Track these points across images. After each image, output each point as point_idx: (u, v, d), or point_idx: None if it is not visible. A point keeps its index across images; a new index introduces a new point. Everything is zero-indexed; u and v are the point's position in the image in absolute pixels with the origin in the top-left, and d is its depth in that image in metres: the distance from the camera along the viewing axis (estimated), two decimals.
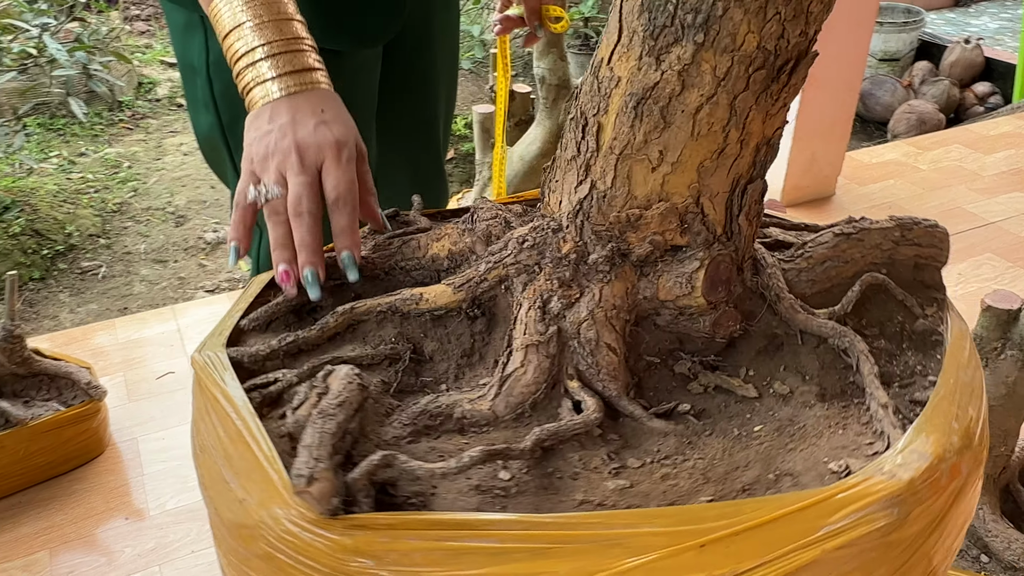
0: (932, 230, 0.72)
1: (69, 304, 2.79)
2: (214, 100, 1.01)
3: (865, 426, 0.59)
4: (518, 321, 0.64)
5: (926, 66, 4.18)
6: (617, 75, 0.59)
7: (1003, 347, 1.12)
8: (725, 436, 0.60)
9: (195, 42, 0.99)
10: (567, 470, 0.56)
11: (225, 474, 0.56)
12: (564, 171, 0.65)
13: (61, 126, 3.97)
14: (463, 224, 0.74)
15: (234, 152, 1.05)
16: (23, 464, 1.49)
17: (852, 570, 0.50)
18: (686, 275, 0.63)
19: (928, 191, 2.64)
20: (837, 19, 2.27)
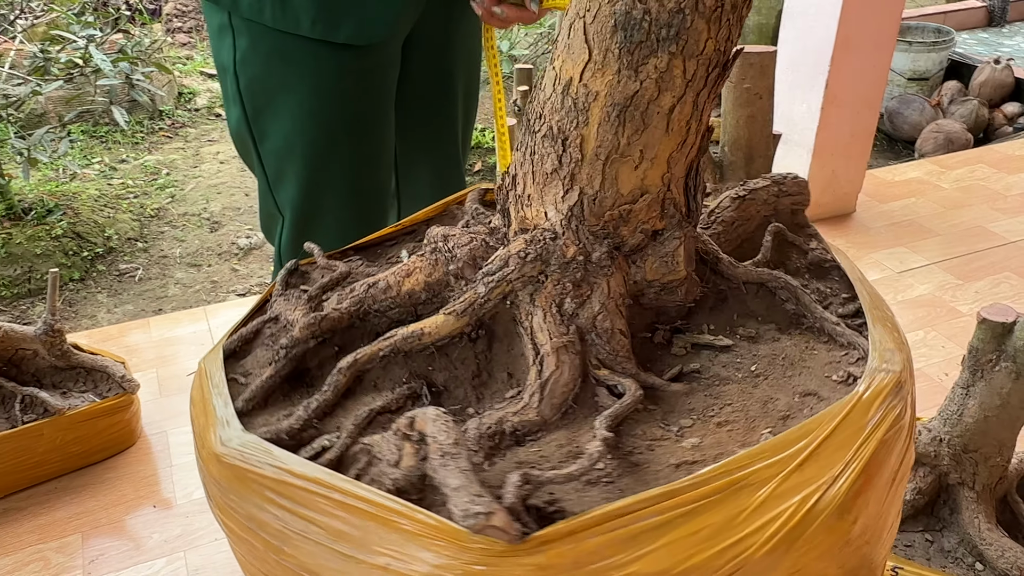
0: (797, 180, 0.88)
1: (107, 304, 2.90)
2: (240, 95, 1.11)
3: (830, 342, 0.71)
4: (536, 330, 0.69)
5: (955, 86, 4.18)
6: (594, 90, 0.64)
7: (998, 359, 1.15)
8: (733, 381, 0.70)
9: (226, 43, 1.09)
10: (641, 445, 0.63)
11: (355, 552, 0.55)
12: (542, 185, 0.70)
13: (103, 134, 4.11)
14: (431, 256, 0.75)
15: (258, 142, 1.14)
16: (60, 452, 1.57)
17: (892, 450, 0.61)
18: (669, 254, 0.71)
19: (949, 210, 2.66)
20: (859, 38, 2.32)
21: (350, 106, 1.11)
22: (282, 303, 0.77)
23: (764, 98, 1.44)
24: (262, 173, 1.20)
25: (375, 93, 1.13)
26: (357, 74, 1.09)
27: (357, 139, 1.14)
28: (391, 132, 1.19)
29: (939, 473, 1.27)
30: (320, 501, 0.57)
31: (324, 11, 1.02)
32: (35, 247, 2.92)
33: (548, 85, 0.68)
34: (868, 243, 2.46)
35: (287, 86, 1.09)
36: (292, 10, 1.02)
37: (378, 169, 1.17)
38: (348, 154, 1.14)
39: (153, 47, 4.01)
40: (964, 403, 1.21)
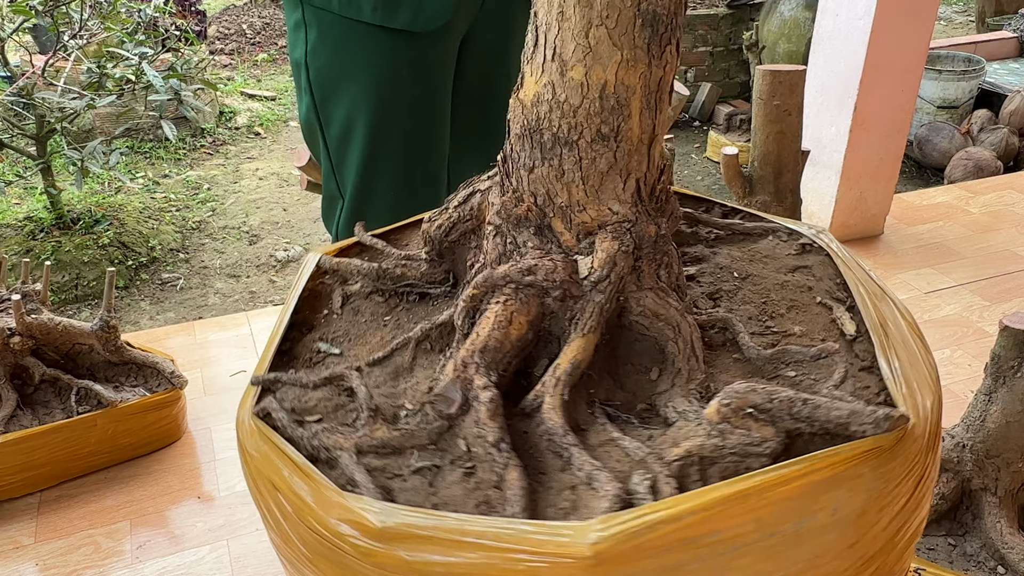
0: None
1: (149, 311, 2.99)
2: (310, 85, 1.23)
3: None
4: (656, 309, 0.76)
5: (985, 114, 4.20)
6: (631, 84, 0.70)
7: (1019, 366, 1.19)
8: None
9: (300, 37, 1.21)
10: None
11: None
12: (597, 185, 0.74)
13: (148, 149, 4.25)
14: (518, 295, 0.76)
15: (324, 128, 1.25)
16: (110, 443, 1.65)
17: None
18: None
19: (977, 233, 2.68)
20: (887, 63, 2.37)
21: (405, 95, 1.21)
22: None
23: (793, 115, 1.50)
24: (327, 157, 1.31)
25: (429, 84, 1.22)
26: (413, 64, 1.19)
27: (410, 126, 1.23)
28: (445, 124, 1.28)
29: (962, 479, 1.30)
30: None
31: (380, 3, 1.13)
32: (83, 255, 3.04)
33: (574, 95, 0.72)
34: (896, 264, 2.49)
35: (349, 74, 1.20)
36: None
37: (429, 158, 1.25)
38: (401, 140, 1.23)
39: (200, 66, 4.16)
40: (986, 409, 1.24)
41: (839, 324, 0.77)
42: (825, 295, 0.81)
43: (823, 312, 0.79)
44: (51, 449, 1.58)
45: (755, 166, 1.56)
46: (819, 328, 0.78)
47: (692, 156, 4.54)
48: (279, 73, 5.58)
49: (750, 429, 0.61)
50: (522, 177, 0.76)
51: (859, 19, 2.31)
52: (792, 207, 1.57)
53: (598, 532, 0.53)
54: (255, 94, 5.09)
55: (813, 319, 0.79)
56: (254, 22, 6.25)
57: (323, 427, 0.68)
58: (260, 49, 5.92)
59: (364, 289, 0.87)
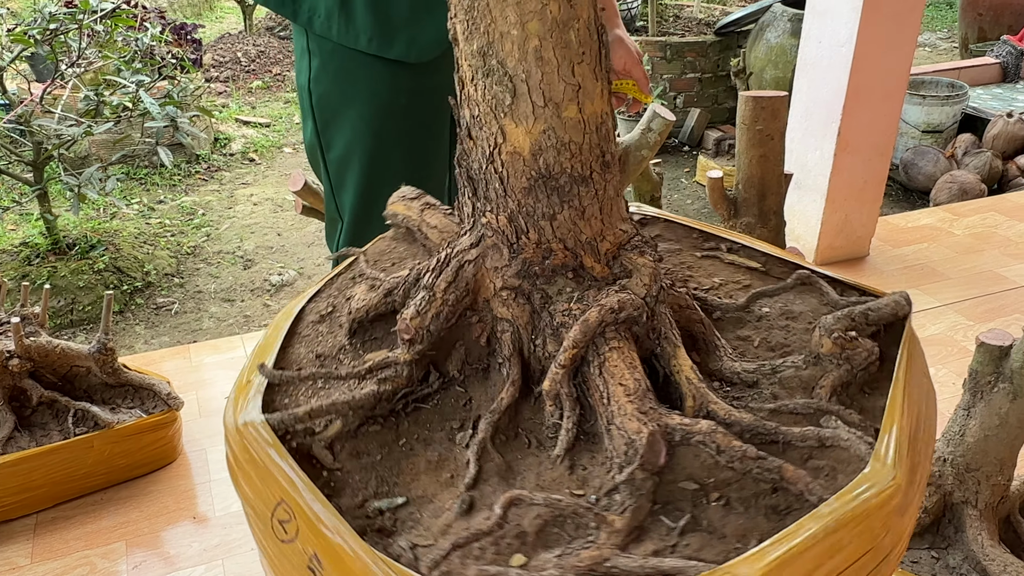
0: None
1: (144, 336, 3.01)
2: (312, 110, 1.29)
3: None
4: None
5: (969, 138, 4.27)
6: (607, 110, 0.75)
7: (996, 380, 1.22)
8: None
9: (304, 64, 1.28)
10: None
11: None
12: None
13: (143, 176, 4.29)
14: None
15: (325, 152, 1.31)
16: (107, 464, 1.66)
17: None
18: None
19: (960, 254, 2.73)
20: (869, 89, 2.43)
21: (403, 122, 1.27)
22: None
23: (775, 139, 1.54)
24: (327, 180, 1.36)
25: (427, 112, 1.28)
26: (410, 93, 1.25)
27: (408, 152, 1.29)
28: (443, 150, 1.33)
29: (944, 492, 1.33)
30: None
31: (380, 29, 1.20)
32: (78, 280, 3.06)
33: (576, 133, 0.73)
34: (881, 284, 2.51)
35: (350, 101, 1.26)
36: (354, 28, 1.20)
37: (427, 183, 1.29)
38: (399, 165, 1.28)
39: (195, 94, 4.20)
40: (966, 424, 1.28)
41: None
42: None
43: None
44: (48, 470, 1.60)
45: (739, 189, 1.60)
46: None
47: (682, 180, 4.59)
48: (273, 100, 5.64)
49: (858, 347, 0.75)
50: (543, 227, 0.76)
51: (841, 46, 2.37)
52: (776, 229, 1.61)
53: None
54: (250, 121, 5.14)
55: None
56: (249, 50, 6.32)
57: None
58: (255, 77, 5.98)
59: (348, 428, 0.75)
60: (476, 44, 0.70)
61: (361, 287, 0.86)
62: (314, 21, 1.24)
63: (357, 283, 0.90)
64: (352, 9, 1.21)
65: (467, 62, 0.72)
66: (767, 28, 4.59)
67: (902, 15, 2.33)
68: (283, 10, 1.27)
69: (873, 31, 2.32)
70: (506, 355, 0.76)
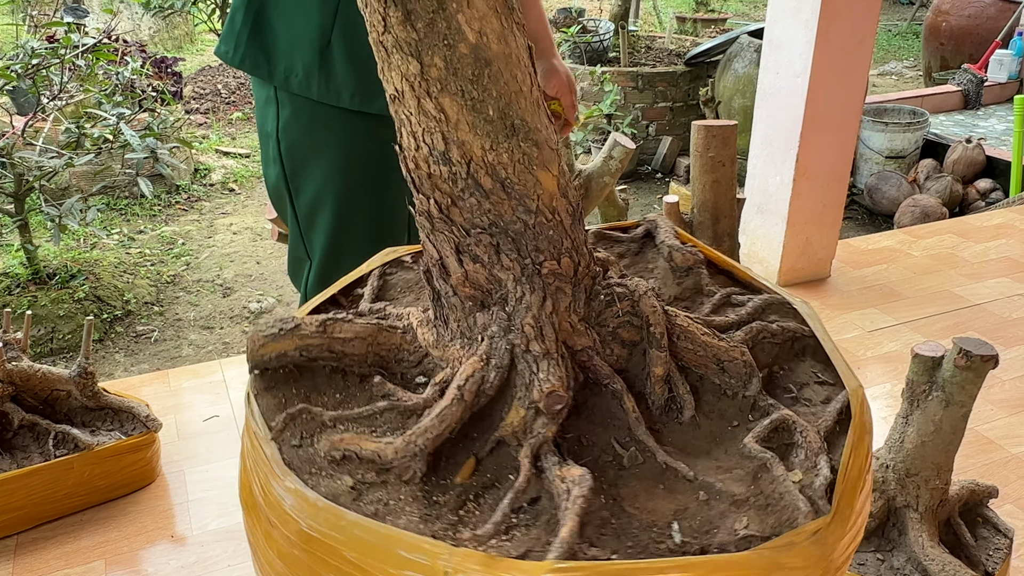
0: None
1: (123, 363, 3.05)
2: (280, 157, 1.32)
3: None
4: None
5: (931, 163, 4.41)
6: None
7: (930, 389, 1.30)
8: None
9: (271, 112, 1.31)
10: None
11: None
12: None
13: (123, 206, 4.34)
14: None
15: (293, 197, 1.35)
16: (87, 485, 1.71)
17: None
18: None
19: (919, 275, 2.83)
20: (824, 117, 2.54)
21: (373, 166, 1.31)
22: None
23: (727, 165, 1.63)
24: (295, 223, 1.39)
25: (394, 155, 1.33)
26: (381, 139, 1.29)
27: (378, 194, 1.34)
28: (405, 189, 1.38)
29: (888, 497, 1.40)
30: None
31: (362, 87, 1.24)
32: (58, 309, 3.10)
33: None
34: (842, 305, 2.62)
35: (321, 149, 1.30)
36: (336, 87, 1.24)
37: (393, 219, 1.36)
38: (369, 206, 1.33)
39: (175, 125, 4.27)
40: (904, 431, 1.35)
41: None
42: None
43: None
44: (28, 492, 1.64)
45: (695, 213, 1.68)
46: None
47: (655, 207, 4.70)
48: (253, 131, 5.72)
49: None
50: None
51: (797, 77, 2.48)
52: (730, 250, 1.69)
53: None
54: (229, 151, 5.21)
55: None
56: (228, 82, 6.40)
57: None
58: (234, 108, 6.06)
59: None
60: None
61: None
62: (291, 80, 1.26)
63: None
64: (332, 67, 1.24)
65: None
66: (734, 59, 4.73)
67: (853, 47, 2.45)
68: (258, 72, 1.28)
69: (826, 62, 2.43)
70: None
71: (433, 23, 0.67)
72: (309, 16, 1.23)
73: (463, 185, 0.74)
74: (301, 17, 1.24)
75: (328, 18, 1.22)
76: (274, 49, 1.26)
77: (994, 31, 5.71)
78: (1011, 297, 2.68)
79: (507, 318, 0.77)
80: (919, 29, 7.05)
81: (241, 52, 1.28)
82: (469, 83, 0.69)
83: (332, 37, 1.23)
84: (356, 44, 1.23)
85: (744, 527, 0.66)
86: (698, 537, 0.67)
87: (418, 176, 0.76)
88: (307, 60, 1.24)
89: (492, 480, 0.73)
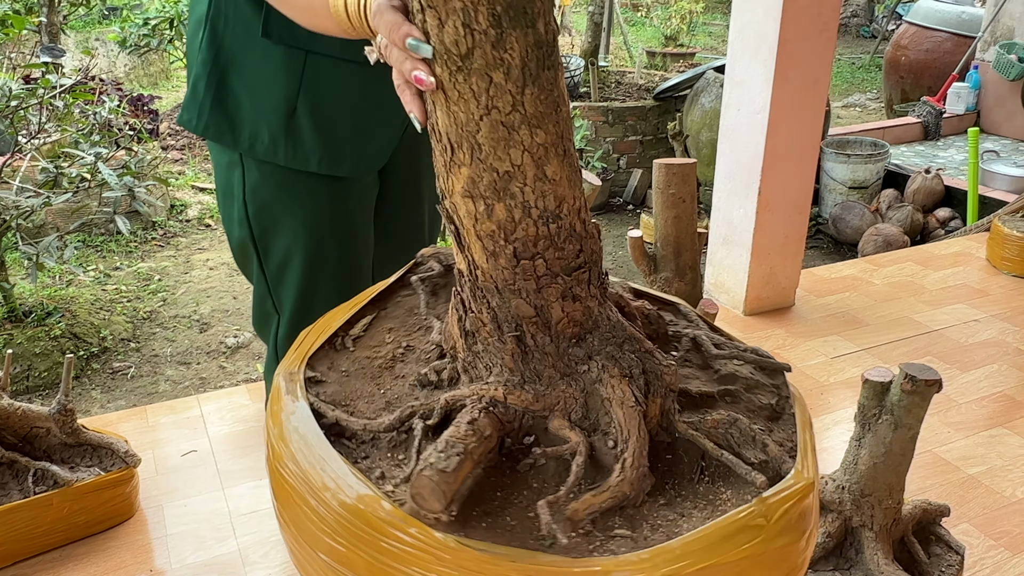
0: None
1: (100, 400, 3.06)
2: (248, 218, 1.32)
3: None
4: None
5: (892, 193, 4.55)
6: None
7: (880, 413, 1.37)
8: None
9: (235, 175, 1.31)
10: None
11: None
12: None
13: (99, 243, 4.36)
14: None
15: (262, 257, 1.36)
16: (66, 522, 1.73)
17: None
18: None
19: (879, 302, 2.93)
20: (784, 152, 2.63)
21: (340, 223, 1.34)
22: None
23: (687, 201, 1.71)
24: (263, 280, 1.40)
25: (360, 211, 1.36)
26: (347, 197, 1.33)
27: (345, 248, 1.36)
28: (372, 240, 1.42)
29: (844, 517, 1.46)
30: None
31: (328, 152, 1.26)
32: (34, 347, 3.11)
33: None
34: (805, 332, 2.71)
35: (290, 210, 1.31)
36: (303, 152, 1.26)
37: (360, 271, 1.39)
38: (337, 261, 1.36)
39: (152, 164, 4.31)
40: (858, 453, 1.42)
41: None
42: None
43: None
44: (7, 529, 1.66)
45: (657, 247, 1.76)
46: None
47: (627, 238, 4.79)
48: None
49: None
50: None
51: (757, 113, 2.58)
52: (692, 282, 1.76)
53: None
54: (205, 187, 5.24)
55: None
56: None
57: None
58: None
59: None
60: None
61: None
62: (256, 147, 1.26)
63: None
64: (299, 133, 1.24)
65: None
66: (701, 93, 4.86)
67: (809, 86, 2.56)
68: (222, 140, 1.27)
69: (784, 100, 2.54)
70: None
71: (551, 92, 0.73)
72: (273, 83, 1.23)
73: (564, 236, 0.78)
74: (265, 84, 1.23)
75: (293, 85, 1.23)
76: (238, 116, 1.26)
77: (951, 65, 5.91)
78: (968, 323, 2.78)
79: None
80: (881, 62, 7.26)
81: (204, 120, 1.28)
82: (567, 141, 0.76)
83: (298, 104, 1.24)
84: (322, 110, 1.25)
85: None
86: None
87: (523, 243, 0.77)
88: (273, 127, 1.24)
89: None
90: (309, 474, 0.75)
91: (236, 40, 1.25)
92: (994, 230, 3.21)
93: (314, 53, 1.22)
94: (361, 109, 1.27)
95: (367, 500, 0.71)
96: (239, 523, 1.84)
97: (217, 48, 1.26)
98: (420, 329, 0.96)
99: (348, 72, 1.24)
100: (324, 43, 1.19)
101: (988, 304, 2.92)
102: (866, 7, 11.48)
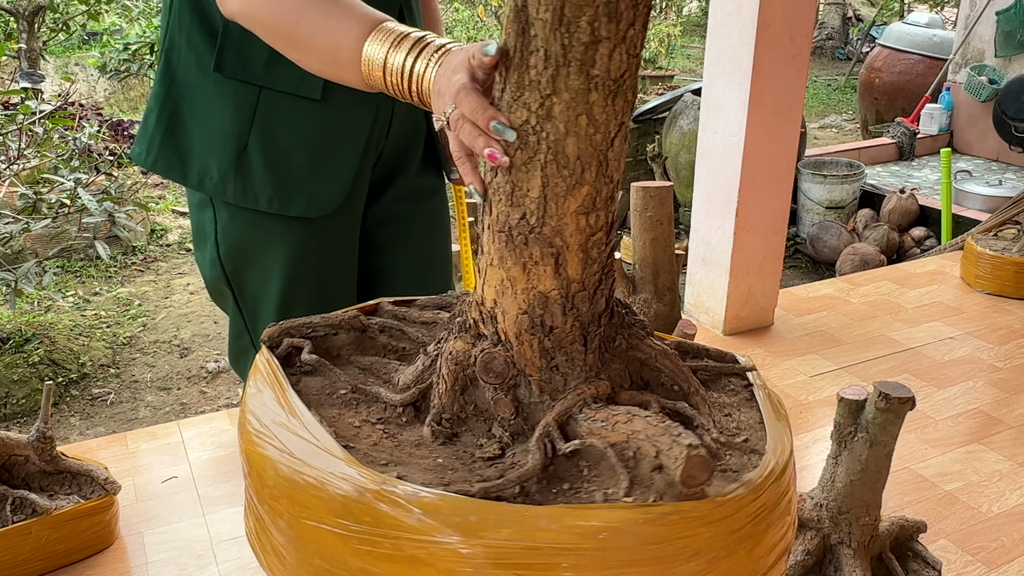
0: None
1: (79, 427, 3.04)
2: (220, 258, 1.31)
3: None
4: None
5: (868, 213, 4.62)
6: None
7: (856, 431, 1.39)
8: None
9: (207, 214, 1.30)
10: None
11: None
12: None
13: (78, 268, 4.33)
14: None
15: (237, 294, 1.36)
16: (44, 551, 1.71)
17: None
18: None
19: (856, 321, 2.96)
20: (761, 174, 2.67)
21: (314, 261, 1.32)
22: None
23: (664, 224, 1.73)
24: (239, 315, 1.39)
25: (333, 251, 1.34)
26: (320, 237, 1.30)
27: (318, 287, 1.35)
28: (354, 272, 1.40)
29: (823, 535, 1.48)
30: None
31: (280, 190, 1.23)
32: (12, 374, 3.08)
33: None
34: (784, 351, 2.74)
35: (261, 248, 1.29)
36: (252, 190, 1.23)
37: (339, 307, 1.38)
38: (315, 299, 1.34)
39: (132, 188, 4.30)
40: (835, 471, 1.44)
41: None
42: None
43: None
44: None
45: (636, 268, 1.78)
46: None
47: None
48: None
49: None
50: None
51: (733, 136, 2.62)
52: (671, 303, 1.78)
53: None
54: (185, 212, 5.24)
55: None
56: None
57: None
58: None
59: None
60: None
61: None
62: (205, 183, 1.23)
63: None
64: (249, 170, 1.21)
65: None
66: (680, 115, 4.92)
67: (784, 109, 2.60)
68: (171, 174, 1.25)
69: (760, 123, 2.58)
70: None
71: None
72: (225, 118, 1.20)
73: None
74: (216, 119, 1.21)
75: (245, 121, 1.20)
76: (188, 151, 1.24)
77: (924, 86, 6.02)
78: (943, 340, 2.82)
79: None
80: (856, 84, 7.39)
81: (154, 154, 1.25)
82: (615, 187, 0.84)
83: (249, 140, 1.21)
84: (274, 147, 1.22)
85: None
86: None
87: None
88: (223, 163, 1.21)
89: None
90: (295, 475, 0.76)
91: (189, 73, 1.22)
92: (968, 249, 3.27)
93: (268, 89, 1.19)
94: (316, 148, 1.24)
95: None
96: (220, 549, 1.83)
97: (170, 81, 1.23)
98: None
99: (303, 109, 1.21)
100: (279, 79, 1.18)
101: (963, 322, 2.96)
102: (841, 30, 11.67)
